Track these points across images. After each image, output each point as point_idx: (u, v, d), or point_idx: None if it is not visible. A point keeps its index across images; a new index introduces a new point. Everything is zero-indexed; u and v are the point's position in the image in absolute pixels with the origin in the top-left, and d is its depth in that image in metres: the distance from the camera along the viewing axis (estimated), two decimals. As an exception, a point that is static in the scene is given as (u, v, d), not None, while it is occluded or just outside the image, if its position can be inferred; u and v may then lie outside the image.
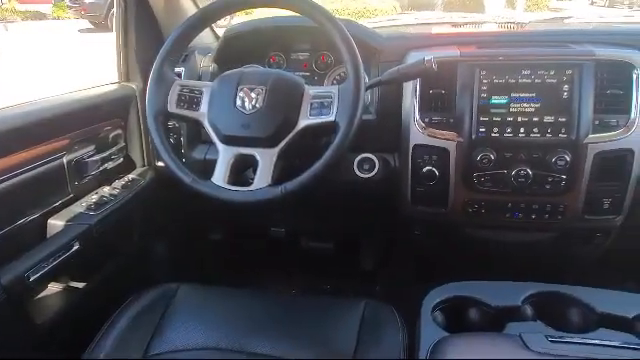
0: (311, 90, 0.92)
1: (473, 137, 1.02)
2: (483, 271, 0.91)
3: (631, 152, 0.99)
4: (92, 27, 9.37)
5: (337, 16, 0.94)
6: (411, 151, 1.06)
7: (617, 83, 0.99)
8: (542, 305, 0.80)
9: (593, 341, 0.62)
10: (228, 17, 1.09)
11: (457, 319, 0.80)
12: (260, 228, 1.48)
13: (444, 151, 1.04)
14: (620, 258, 1.27)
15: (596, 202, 1.03)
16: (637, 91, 0.98)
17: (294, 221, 1.42)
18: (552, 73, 0.99)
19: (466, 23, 1.49)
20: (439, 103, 1.05)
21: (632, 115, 0.98)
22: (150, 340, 0.93)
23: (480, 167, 1.02)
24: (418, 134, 1.05)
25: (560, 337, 0.62)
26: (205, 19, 0.98)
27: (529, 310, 0.79)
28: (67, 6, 9.68)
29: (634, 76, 0.98)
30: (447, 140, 1.04)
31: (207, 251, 1.56)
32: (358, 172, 1.12)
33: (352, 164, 1.13)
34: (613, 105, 1.00)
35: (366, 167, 1.12)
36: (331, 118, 0.88)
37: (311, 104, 0.91)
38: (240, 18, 1.65)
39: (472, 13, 1.47)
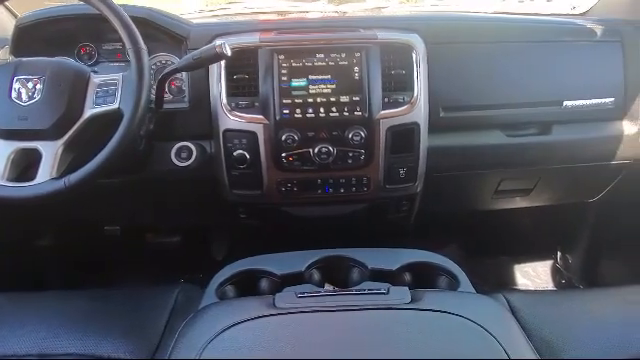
0: (96, 78, 0.91)
1: (277, 119, 1.06)
2: (309, 245, 0.95)
3: (417, 125, 1.11)
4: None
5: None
6: (222, 136, 1.09)
7: (400, 64, 1.10)
8: (328, 269, 0.86)
9: (337, 292, 0.69)
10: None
11: (251, 291, 0.84)
12: (92, 228, 1.42)
13: (252, 134, 1.07)
14: (434, 221, 1.42)
15: (394, 172, 1.14)
16: (417, 71, 1.10)
17: (129, 217, 1.38)
18: (344, 56, 1.07)
19: (293, 12, 1.55)
20: (245, 88, 1.08)
21: (415, 92, 1.09)
22: None
23: (286, 147, 1.07)
24: (227, 119, 1.07)
25: (309, 293, 0.68)
26: None
27: (316, 275, 0.85)
28: None
29: (414, 57, 1.10)
30: (254, 123, 1.07)
31: (36, 259, 1.46)
32: (176, 161, 1.12)
33: (169, 153, 1.12)
34: (399, 84, 1.10)
35: (184, 155, 1.12)
36: (115, 106, 0.87)
37: (96, 92, 0.89)
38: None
39: (358, 4, 1.55)
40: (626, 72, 1.18)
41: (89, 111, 0.88)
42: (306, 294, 0.66)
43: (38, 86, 0.87)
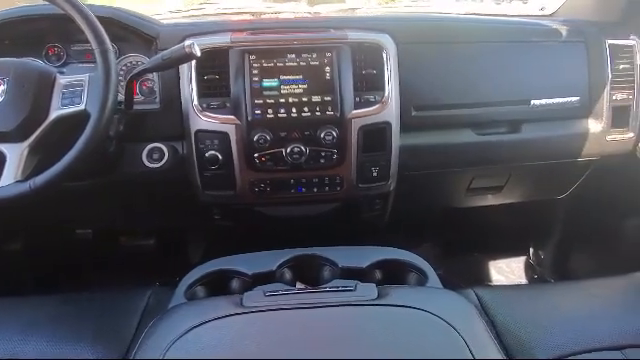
0: (62, 79, 0.89)
1: (249, 119, 1.06)
2: (283, 245, 0.96)
3: (389, 124, 1.12)
4: None
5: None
6: (194, 137, 1.08)
7: (371, 63, 1.11)
8: (299, 268, 0.87)
9: (304, 290, 0.69)
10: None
11: (222, 292, 0.83)
12: (63, 231, 1.39)
13: (224, 135, 1.07)
14: (408, 219, 1.44)
15: (366, 171, 1.15)
16: (388, 70, 1.11)
17: (100, 220, 1.36)
18: (315, 56, 1.08)
19: (267, 13, 1.55)
20: (216, 88, 1.08)
21: (386, 92, 1.11)
22: None
23: (258, 147, 1.07)
24: (198, 119, 1.07)
25: (277, 291, 0.68)
26: None
27: (287, 274, 0.85)
28: None
29: (384, 57, 1.11)
30: (226, 124, 1.07)
31: (7, 263, 1.43)
32: (147, 162, 1.11)
33: (140, 155, 1.11)
34: (370, 83, 1.11)
35: (155, 157, 1.11)
36: (81, 107, 0.86)
37: (63, 93, 0.88)
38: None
39: (332, 5, 1.56)
40: (590, 71, 1.21)
41: (55, 112, 0.87)
42: (274, 292, 0.67)
43: (1, 87, 0.86)
